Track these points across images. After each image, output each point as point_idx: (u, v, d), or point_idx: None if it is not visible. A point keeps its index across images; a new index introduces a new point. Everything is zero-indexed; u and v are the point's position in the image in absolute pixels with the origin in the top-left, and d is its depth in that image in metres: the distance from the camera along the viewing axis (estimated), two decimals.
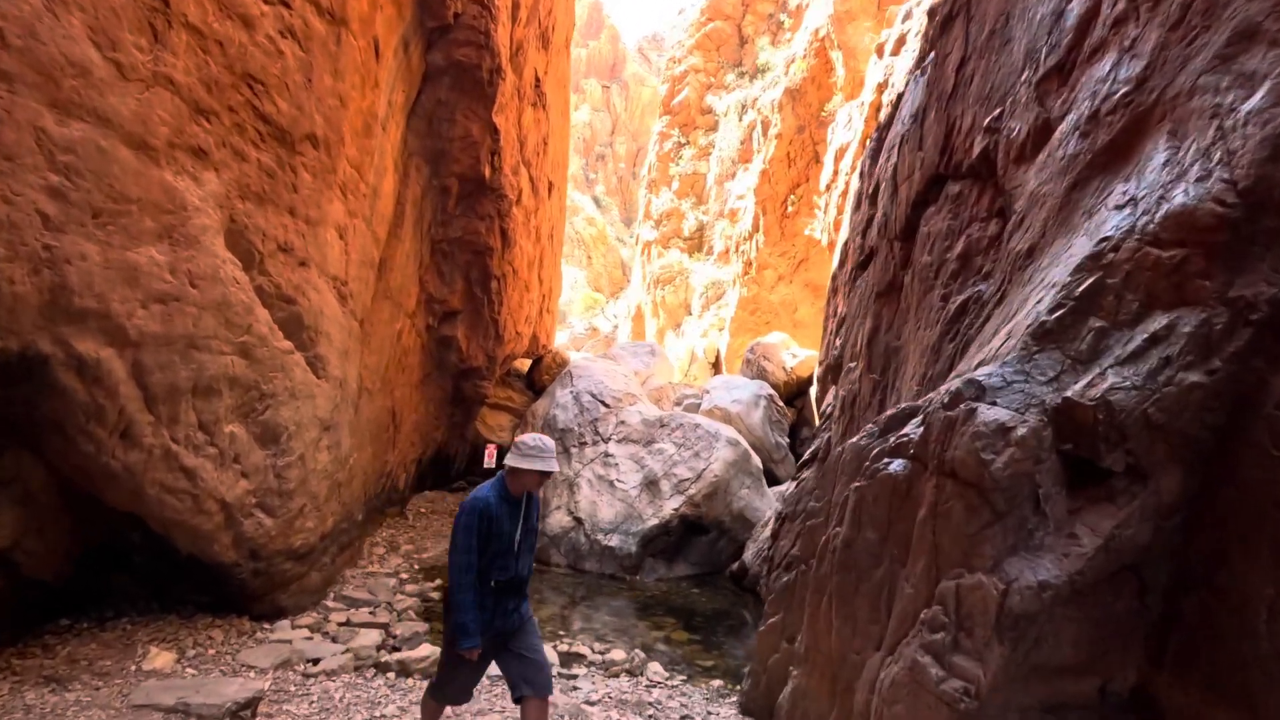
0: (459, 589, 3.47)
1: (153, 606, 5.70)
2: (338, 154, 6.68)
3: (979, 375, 3.11)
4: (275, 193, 5.68)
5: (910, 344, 5.84)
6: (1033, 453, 2.80)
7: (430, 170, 9.45)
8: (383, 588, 7.87)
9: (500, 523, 3.49)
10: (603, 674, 5.86)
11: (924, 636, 2.97)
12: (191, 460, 4.87)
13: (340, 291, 7.14)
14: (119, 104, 3.89)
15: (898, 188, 6.50)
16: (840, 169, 14.08)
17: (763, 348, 15.11)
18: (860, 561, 3.59)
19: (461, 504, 3.49)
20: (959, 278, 4.92)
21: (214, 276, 4.84)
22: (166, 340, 4.45)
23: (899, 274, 6.34)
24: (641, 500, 10.46)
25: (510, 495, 3.56)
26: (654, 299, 28.44)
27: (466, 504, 3.47)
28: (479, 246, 10.43)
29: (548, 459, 3.53)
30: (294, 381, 6.12)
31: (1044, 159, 3.97)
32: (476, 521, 3.43)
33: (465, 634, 3.45)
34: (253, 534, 5.73)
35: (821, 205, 15.78)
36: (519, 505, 3.61)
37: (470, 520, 3.42)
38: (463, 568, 3.45)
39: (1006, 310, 3.90)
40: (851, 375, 7.27)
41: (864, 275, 7.82)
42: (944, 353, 4.77)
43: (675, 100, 31.84)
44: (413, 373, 10.55)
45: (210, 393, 4.98)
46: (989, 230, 4.70)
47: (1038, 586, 2.65)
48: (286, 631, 6.03)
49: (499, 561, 3.54)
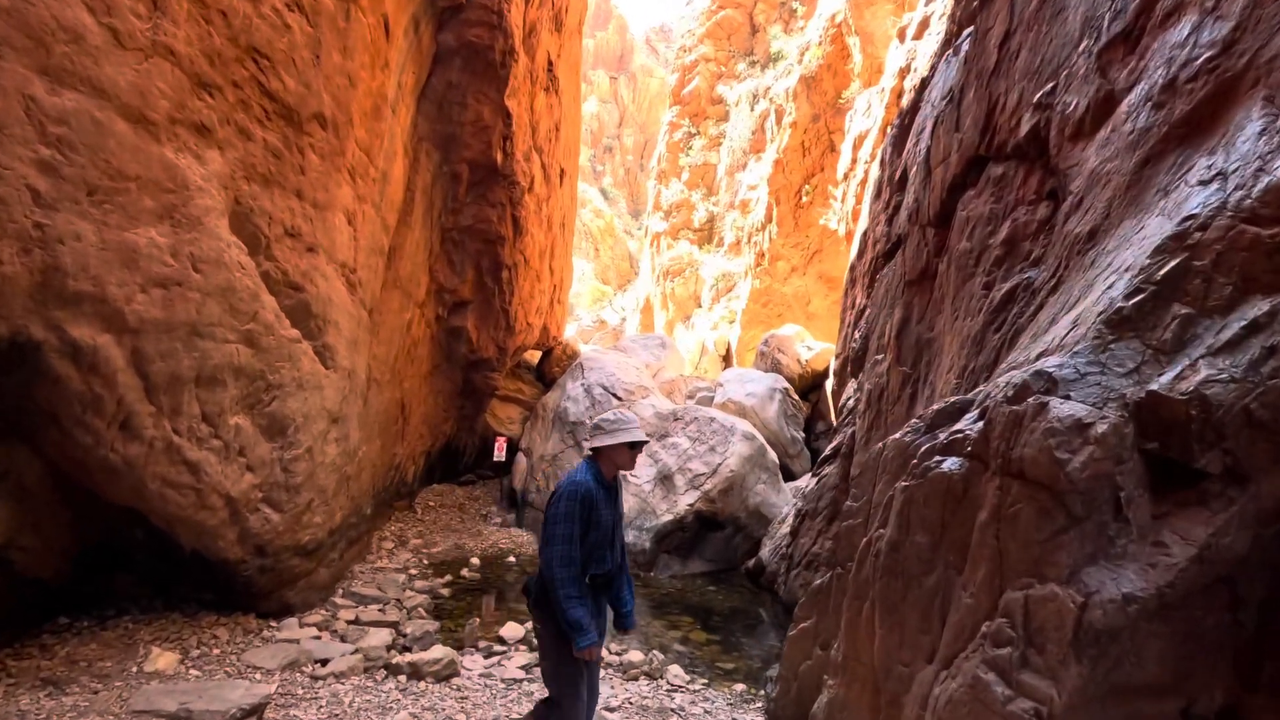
0: (564, 583, 3.06)
1: (155, 605, 5.50)
2: (346, 136, 6.43)
3: (1048, 366, 2.84)
4: (282, 174, 5.44)
5: (946, 335, 5.56)
6: (1114, 452, 2.54)
7: (441, 156, 9.20)
8: (392, 584, 7.67)
9: (600, 509, 3.18)
10: (621, 677, 5.64)
11: (987, 651, 2.72)
12: (195, 453, 4.65)
13: (349, 279, 6.91)
14: (115, 74, 3.65)
15: (931, 172, 6.21)
16: (859, 157, 13.73)
17: (777, 340, 14.82)
18: (909, 567, 3.34)
19: (558, 490, 3.18)
20: (1003, 264, 4.64)
21: (218, 261, 4.61)
22: (168, 327, 4.22)
23: (932, 262, 6.06)
24: (655, 495, 10.23)
25: (604, 479, 3.28)
26: (663, 291, 28.14)
27: (566, 489, 3.15)
28: (490, 235, 10.17)
29: (635, 429, 3.26)
30: (301, 372, 5.90)
31: (1106, 135, 3.68)
32: (579, 509, 3.11)
33: (583, 630, 3.05)
34: (259, 530, 5.52)
35: (838, 195, 15.43)
36: (614, 490, 3.34)
37: (572, 507, 3.10)
38: (565, 560, 3.08)
39: (1065, 297, 3.63)
40: (879, 368, 6.99)
41: (891, 264, 7.53)
42: (988, 344, 4.49)
43: (685, 90, 31.43)
44: (422, 364, 10.33)
45: (214, 383, 4.76)
46: (1038, 214, 4.42)
47: (1122, 600, 2.39)
48: (294, 630, 5.83)
49: (597, 553, 3.22)
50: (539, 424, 12.70)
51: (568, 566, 3.07)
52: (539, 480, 11.56)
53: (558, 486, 3.21)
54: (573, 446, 11.63)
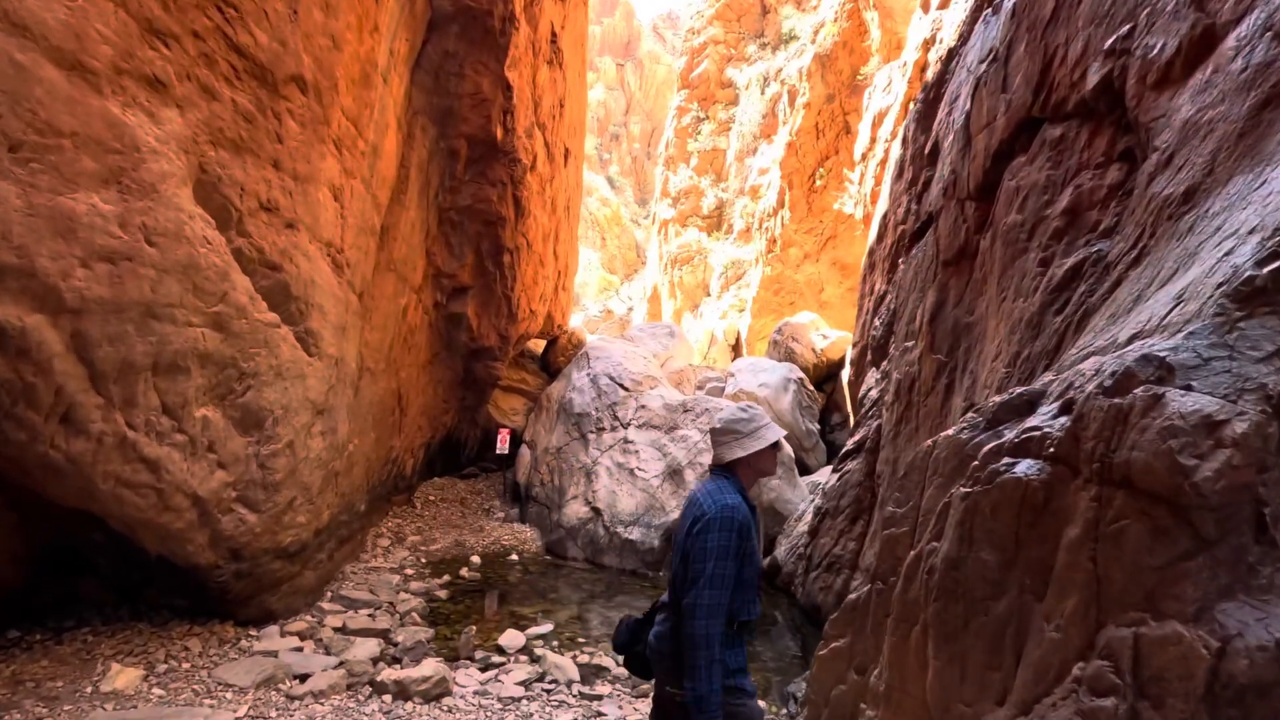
0: (710, 641, 2.27)
1: (121, 613, 5.05)
2: (330, 103, 5.90)
3: (1158, 350, 2.31)
4: (255, 141, 4.93)
5: (990, 318, 5.01)
6: (1256, 457, 2.02)
7: (437, 131, 8.66)
8: (385, 586, 7.22)
9: (753, 537, 2.45)
10: (629, 692, 5.15)
11: (1082, 700, 2.21)
12: (154, 449, 4.16)
13: (335, 260, 6.40)
14: (41, 9, 3.13)
15: (971, 140, 5.64)
16: (879, 136, 13.11)
17: (791, 328, 14.26)
18: (972, 588, 2.81)
19: (703, 516, 2.35)
20: (1064, 237, 4.08)
21: (177, 234, 4.10)
22: (116, 307, 3.72)
23: (972, 239, 5.50)
24: (664, 491, 9.73)
25: (748, 497, 2.54)
26: (671, 279, 27.56)
27: (718, 515, 2.34)
28: (490, 216, 9.64)
29: (772, 423, 2.58)
30: (280, 359, 5.40)
31: (1205, 78, 3.11)
32: (736, 541, 2.34)
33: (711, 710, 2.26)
34: (233, 532, 5.04)
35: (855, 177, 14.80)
36: (755, 510, 2.58)
37: (729, 540, 2.32)
38: (715, 610, 2.28)
39: (1153, 271, 3.08)
40: (909, 356, 6.45)
41: (920, 244, 6.97)
42: (1047, 327, 3.95)
43: (694, 74, 30.70)
44: (420, 352, 9.84)
45: (175, 371, 4.26)
46: (1107, 178, 3.85)
47: (1275, 647, 1.88)
48: (274, 640, 5.37)
49: (749, 594, 2.43)
50: (543, 415, 12.22)
51: (717, 618, 2.29)
52: (543, 473, 11.09)
53: (700, 510, 2.37)
54: (578, 439, 11.15)
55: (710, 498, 2.42)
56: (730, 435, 2.52)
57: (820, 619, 7.28)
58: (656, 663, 2.50)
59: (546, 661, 5.45)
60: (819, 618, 7.33)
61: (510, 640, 6.01)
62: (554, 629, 6.56)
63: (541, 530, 10.30)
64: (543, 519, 10.43)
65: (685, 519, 2.48)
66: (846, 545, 7.16)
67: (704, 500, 2.43)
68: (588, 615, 7.29)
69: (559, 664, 5.43)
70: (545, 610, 7.21)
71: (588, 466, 10.57)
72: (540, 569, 9.00)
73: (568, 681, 5.23)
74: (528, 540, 10.06)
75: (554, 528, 10.02)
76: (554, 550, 9.75)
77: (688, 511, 2.49)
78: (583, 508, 10.01)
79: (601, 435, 11.01)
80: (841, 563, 7.17)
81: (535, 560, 9.36)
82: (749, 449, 2.51)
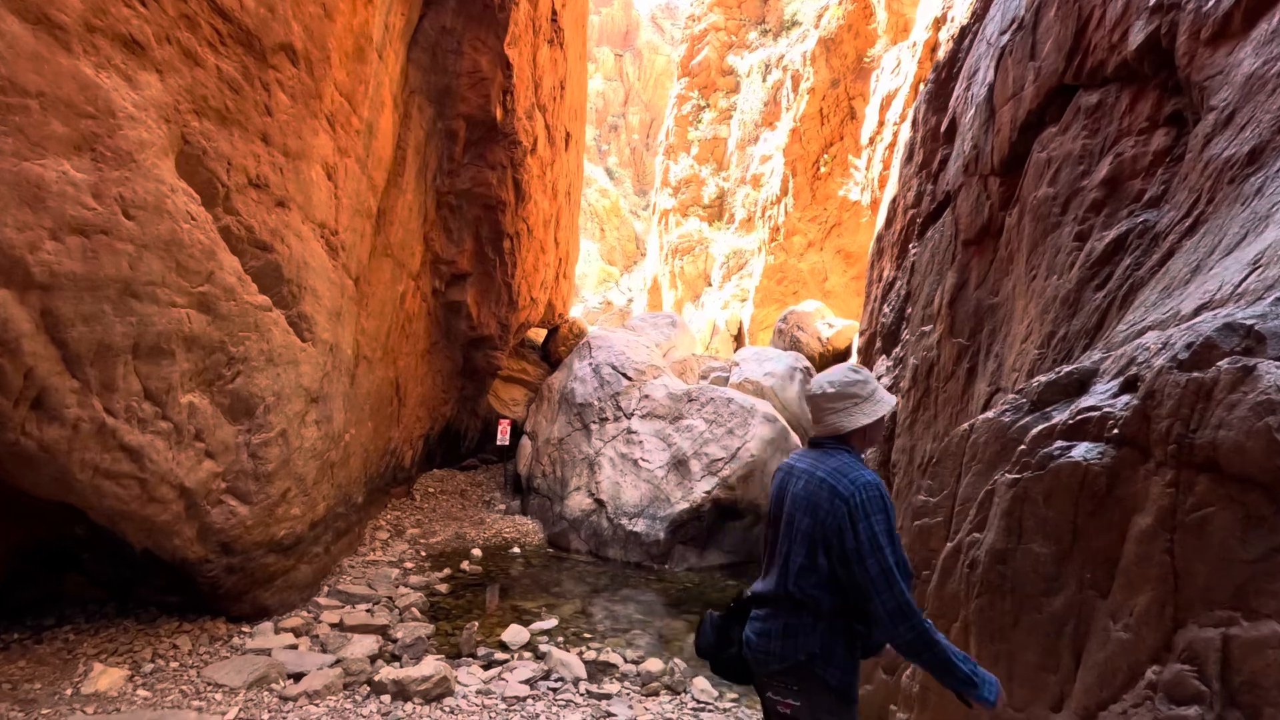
0: (932, 638, 1.94)
1: (107, 611, 4.82)
2: (323, 76, 5.63)
3: (1242, 318, 2.07)
4: (243, 112, 4.66)
5: (1017, 299, 4.77)
6: None
7: (434, 111, 8.38)
8: (384, 580, 6.99)
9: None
10: (639, 691, 4.93)
11: (1159, 707, 1.98)
12: (135, 437, 3.91)
13: (329, 242, 6.14)
14: None
15: (994, 113, 5.38)
16: (887, 119, 12.81)
17: (796, 316, 14.01)
18: (1023, 583, 2.58)
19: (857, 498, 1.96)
20: (1103, 209, 3.84)
21: (157, 207, 3.84)
22: (91, 284, 3.47)
23: (996, 216, 5.25)
24: (669, 482, 9.51)
25: None
26: (672, 269, 27.29)
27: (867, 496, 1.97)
28: (490, 200, 9.37)
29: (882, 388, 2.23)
30: (271, 344, 5.15)
31: (1271, 27, 2.86)
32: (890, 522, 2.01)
33: (983, 679, 1.99)
34: (223, 525, 4.81)
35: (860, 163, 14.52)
36: None
37: (890, 522, 2.00)
38: (909, 592, 1.96)
39: (1215, 238, 2.84)
40: (926, 340, 6.21)
41: (937, 225, 6.72)
42: (1086, 304, 3.71)
43: (694, 61, 30.32)
44: (418, 341, 9.59)
45: (159, 354, 4.01)
46: (1153, 143, 3.61)
47: None
48: (267, 637, 5.14)
49: None
50: (544, 406, 11.98)
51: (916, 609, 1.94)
52: (545, 465, 10.86)
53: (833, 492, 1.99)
54: (580, 430, 10.92)
55: (841, 476, 2.00)
56: (848, 400, 2.10)
57: None
58: (759, 665, 2.12)
59: (552, 658, 5.23)
60: None
61: (513, 636, 5.80)
62: (558, 624, 6.34)
63: (543, 522, 10.09)
64: (545, 511, 10.21)
65: (807, 502, 2.04)
66: None
67: (833, 480, 2.00)
68: (592, 609, 7.07)
69: (565, 661, 5.21)
70: (549, 605, 7.00)
71: (590, 457, 10.35)
72: (542, 562, 8.78)
73: (574, 679, 5.01)
74: (529, 532, 9.84)
75: (556, 520, 9.81)
76: (556, 543, 9.54)
77: (807, 494, 2.05)
78: (586, 499, 9.79)
79: (604, 425, 10.78)
80: None
81: (537, 553, 9.14)
82: (872, 415, 2.10)
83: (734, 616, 2.24)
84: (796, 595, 2.03)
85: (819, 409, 2.17)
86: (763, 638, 2.10)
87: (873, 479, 2.02)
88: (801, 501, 2.09)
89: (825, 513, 2.00)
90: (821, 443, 2.17)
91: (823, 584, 2.01)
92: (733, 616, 2.25)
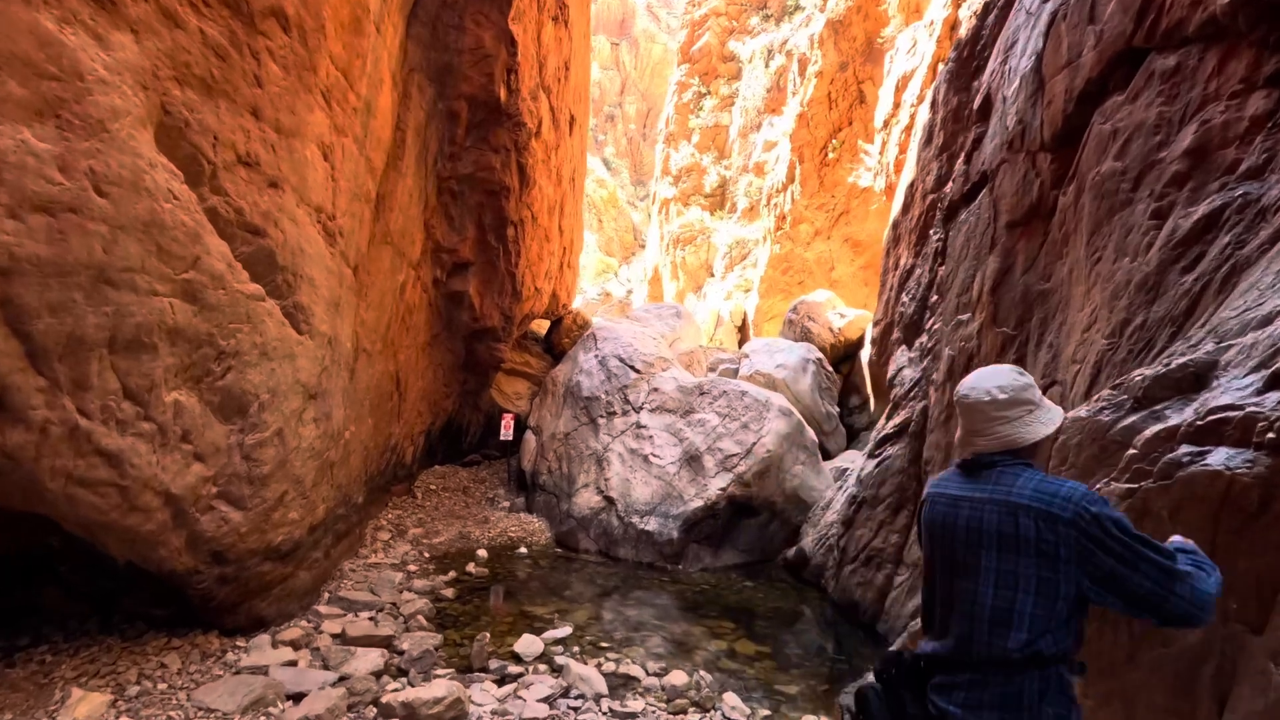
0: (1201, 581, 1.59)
1: (88, 627, 4.43)
2: (317, 47, 5.21)
3: None
4: (230, 82, 4.24)
5: (1075, 284, 4.40)
6: None
7: (435, 91, 7.95)
8: (386, 584, 6.63)
9: None
10: (666, 709, 4.59)
11: None
12: (114, 440, 3.53)
13: (326, 227, 5.73)
14: None
15: (1044, 84, 4.99)
16: (903, 101, 12.40)
17: (807, 306, 13.63)
18: None
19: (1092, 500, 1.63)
20: (1187, 183, 3.46)
21: (135, 184, 3.44)
22: (58, 269, 3.07)
23: (1048, 195, 4.88)
24: (681, 478, 9.15)
25: None
26: (673, 260, 26.87)
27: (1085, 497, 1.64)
28: (493, 185, 8.95)
29: None
30: (265, 337, 4.76)
31: None
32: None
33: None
34: (214, 533, 4.43)
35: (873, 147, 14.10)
36: None
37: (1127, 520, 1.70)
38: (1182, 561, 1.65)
39: None
40: (964, 330, 5.84)
41: (971, 208, 6.34)
42: (1171, 288, 3.34)
43: (695, 47, 29.78)
44: (419, 333, 9.18)
45: (138, 348, 3.62)
46: (1249, 107, 3.23)
47: None
48: (264, 651, 4.78)
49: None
50: (549, 400, 11.60)
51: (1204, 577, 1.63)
52: (550, 460, 10.49)
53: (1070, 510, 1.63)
54: (587, 424, 10.55)
55: (1050, 497, 1.64)
56: (1022, 407, 1.75)
57: (858, 616, 6.75)
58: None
59: (570, 673, 4.88)
60: (856, 615, 6.79)
61: (527, 647, 5.44)
62: (573, 632, 5.99)
63: (550, 521, 9.73)
64: (551, 509, 9.85)
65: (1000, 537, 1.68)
66: (888, 538, 6.59)
67: (1041, 504, 1.64)
68: (606, 614, 6.72)
69: (584, 675, 4.86)
70: (561, 610, 6.64)
71: (598, 453, 9.98)
72: (551, 563, 8.43)
73: (595, 695, 4.66)
74: (536, 531, 9.48)
75: (564, 518, 9.45)
76: (564, 542, 9.19)
77: (1000, 529, 1.68)
78: (595, 497, 9.43)
79: (612, 420, 10.41)
80: (883, 556, 6.62)
81: (545, 553, 8.79)
82: (1050, 424, 1.77)
83: (901, 685, 1.83)
84: (1013, 652, 1.64)
85: (986, 419, 1.77)
86: (975, 710, 1.67)
87: (1081, 486, 1.67)
88: (992, 538, 1.69)
89: (1049, 545, 1.62)
90: (992, 460, 1.76)
91: (1039, 629, 1.64)
92: (905, 682, 1.83)
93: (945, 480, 1.86)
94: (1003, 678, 1.65)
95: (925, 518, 1.86)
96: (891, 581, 6.46)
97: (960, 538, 1.74)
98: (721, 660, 5.71)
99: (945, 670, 1.74)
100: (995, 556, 1.68)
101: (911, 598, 6.01)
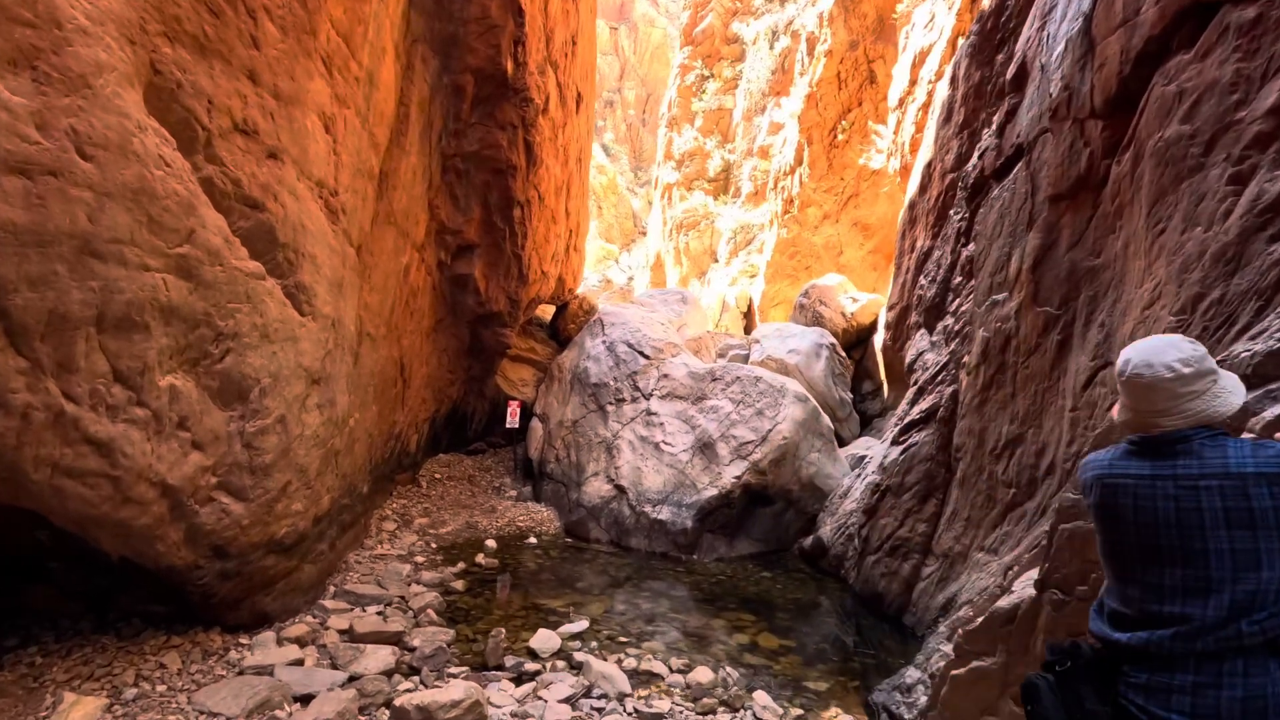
0: None
1: (81, 627, 4.18)
2: (316, 9, 4.89)
3: None
4: (224, 42, 3.93)
5: (1132, 258, 4.12)
6: None
7: (439, 63, 7.61)
8: (394, 577, 6.39)
9: None
10: (693, 708, 4.36)
11: None
12: (104, 427, 3.25)
13: (329, 203, 5.44)
14: None
15: (1094, 47, 4.68)
16: (920, 77, 12.03)
17: (818, 290, 13.34)
18: None
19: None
20: (1272, 144, 3.17)
21: (122, 147, 3.14)
22: (37, 238, 2.78)
23: (1098, 165, 4.58)
24: (695, 466, 8.90)
25: None
26: (676, 245, 26.51)
27: None
28: (499, 164, 8.63)
29: None
30: (266, 318, 4.48)
31: None
32: None
33: None
34: (215, 525, 4.17)
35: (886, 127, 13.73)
36: None
37: None
38: None
39: None
40: (1000, 310, 5.56)
41: (1005, 183, 6.04)
42: (1257, 258, 3.06)
43: (697, 29, 29.25)
44: (423, 317, 8.90)
45: (130, 327, 3.34)
46: None
47: None
48: (269, 649, 4.54)
49: None
50: (555, 386, 11.34)
51: None
52: (558, 449, 10.24)
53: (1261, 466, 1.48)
54: (595, 411, 10.29)
55: (1266, 452, 1.48)
56: (1207, 379, 1.57)
57: (882, 608, 6.53)
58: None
59: (591, 671, 4.64)
60: (880, 607, 6.56)
61: (543, 643, 5.21)
62: (589, 626, 5.76)
63: (559, 510, 9.49)
64: (560, 498, 9.61)
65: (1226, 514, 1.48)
66: (915, 527, 6.35)
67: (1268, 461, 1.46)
68: (621, 606, 6.49)
69: (605, 673, 4.62)
70: (574, 602, 6.41)
71: (608, 440, 9.73)
72: (561, 553, 8.20)
73: (618, 695, 4.43)
74: (545, 521, 9.25)
75: (573, 507, 9.21)
76: (574, 532, 8.95)
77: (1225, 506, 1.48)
78: (605, 485, 9.19)
79: (621, 407, 10.15)
80: (909, 546, 6.37)
81: (555, 543, 8.56)
82: (1240, 389, 1.60)
83: (1081, 679, 1.58)
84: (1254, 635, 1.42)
85: (1172, 397, 1.55)
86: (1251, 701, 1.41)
87: None
88: (1218, 515, 1.46)
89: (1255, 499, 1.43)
90: (1186, 435, 1.54)
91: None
92: (1078, 679, 1.58)
93: (1117, 461, 1.62)
94: (1243, 670, 1.42)
95: (1105, 503, 1.62)
96: (919, 572, 6.22)
97: (1167, 520, 1.52)
98: (745, 655, 5.48)
99: (1151, 668, 1.51)
100: (1226, 535, 1.47)
101: (942, 589, 5.78)
